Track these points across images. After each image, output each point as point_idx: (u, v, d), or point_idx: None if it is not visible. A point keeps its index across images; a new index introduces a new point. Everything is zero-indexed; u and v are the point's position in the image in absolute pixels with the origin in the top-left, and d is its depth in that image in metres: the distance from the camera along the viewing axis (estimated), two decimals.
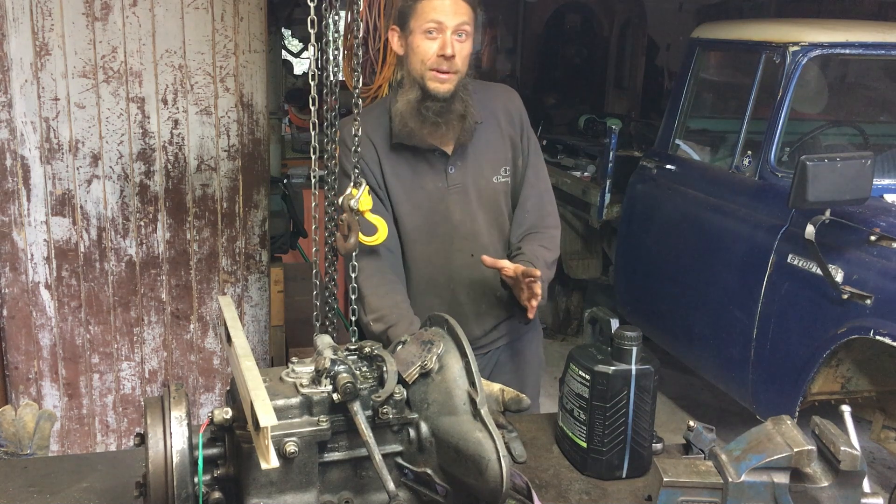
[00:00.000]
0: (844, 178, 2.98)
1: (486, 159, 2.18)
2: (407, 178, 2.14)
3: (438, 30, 2.00)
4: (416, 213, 2.15)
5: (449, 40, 2.00)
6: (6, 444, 2.10)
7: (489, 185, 2.19)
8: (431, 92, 2.03)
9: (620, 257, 4.79)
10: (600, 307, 1.73)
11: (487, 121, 2.18)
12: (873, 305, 2.95)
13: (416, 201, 2.15)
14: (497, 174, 2.20)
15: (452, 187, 2.16)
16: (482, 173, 2.18)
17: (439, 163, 2.15)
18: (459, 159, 2.16)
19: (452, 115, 2.06)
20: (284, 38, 6.96)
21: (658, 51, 7.68)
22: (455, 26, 2.00)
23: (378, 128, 2.15)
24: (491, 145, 2.19)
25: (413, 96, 2.06)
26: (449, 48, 2.00)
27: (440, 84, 2.03)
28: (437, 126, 2.07)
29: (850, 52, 3.69)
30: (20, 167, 3.11)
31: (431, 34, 2.01)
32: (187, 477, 1.21)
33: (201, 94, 3.20)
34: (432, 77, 2.03)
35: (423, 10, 2.00)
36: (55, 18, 3.00)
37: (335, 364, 1.32)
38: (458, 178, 2.16)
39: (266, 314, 3.53)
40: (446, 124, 2.08)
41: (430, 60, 2.02)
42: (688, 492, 1.43)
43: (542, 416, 1.93)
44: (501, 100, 2.24)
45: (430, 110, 2.05)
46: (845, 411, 1.58)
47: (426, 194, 2.15)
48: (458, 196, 2.16)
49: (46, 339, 3.30)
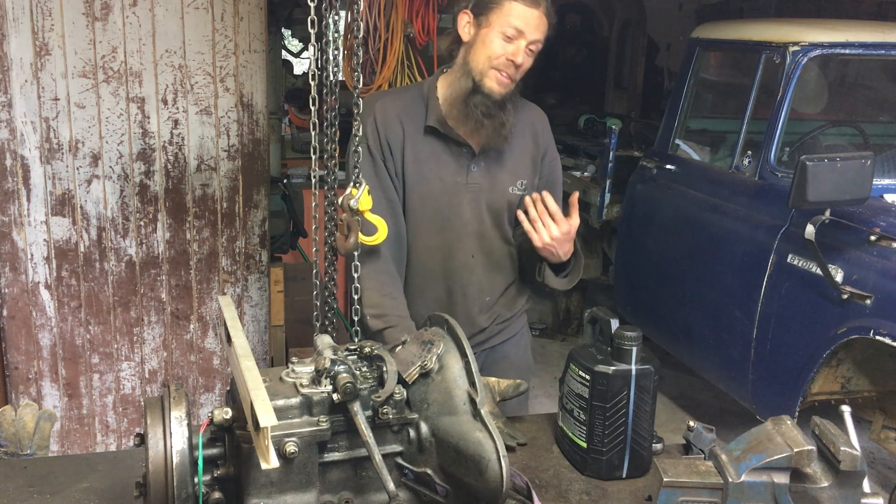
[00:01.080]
0: (844, 178, 2.98)
1: (508, 168, 2.19)
2: (428, 165, 2.14)
3: (517, 36, 2.00)
4: (429, 203, 2.15)
5: (522, 49, 2.01)
6: (6, 444, 2.10)
7: (504, 193, 2.19)
8: (486, 90, 2.03)
9: (620, 257, 4.79)
10: (600, 307, 1.73)
11: (519, 134, 2.20)
12: (873, 305, 2.95)
13: (431, 191, 2.14)
14: (514, 186, 2.20)
15: (470, 185, 2.16)
16: (501, 180, 2.18)
17: (464, 157, 2.15)
18: (483, 160, 2.16)
19: (495, 119, 2.06)
20: (284, 38, 6.96)
21: (658, 51, 7.67)
22: (532, 40, 2.01)
23: (409, 111, 2.13)
24: (515, 157, 2.20)
25: (464, 86, 2.05)
26: (521, 57, 2.01)
27: (497, 85, 2.03)
28: (478, 124, 2.06)
29: (850, 52, 3.69)
30: (20, 167, 3.11)
31: (509, 38, 2.00)
32: (187, 477, 1.21)
33: (201, 94, 3.20)
34: (493, 77, 2.03)
35: (510, 11, 1.99)
36: (55, 18, 3.00)
37: (335, 364, 1.32)
38: (477, 178, 2.16)
39: (266, 314, 3.53)
40: (488, 125, 2.07)
41: (497, 60, 2.01)
42: (688, 492, 1.43)
43: (542, 416, 1.93)
44: (532, 117, 2.25)
45: (477, 107, 2.04)
46: (845, 411, 1.58)
47: (443, 186, 2.14)
48: (472, 195, 2.16)
49: (46, 339, 3.30)
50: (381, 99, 2.17)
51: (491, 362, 2.33)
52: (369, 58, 3.20)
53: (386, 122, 2.10)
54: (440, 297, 2.22)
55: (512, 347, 2.38)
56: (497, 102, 2.04)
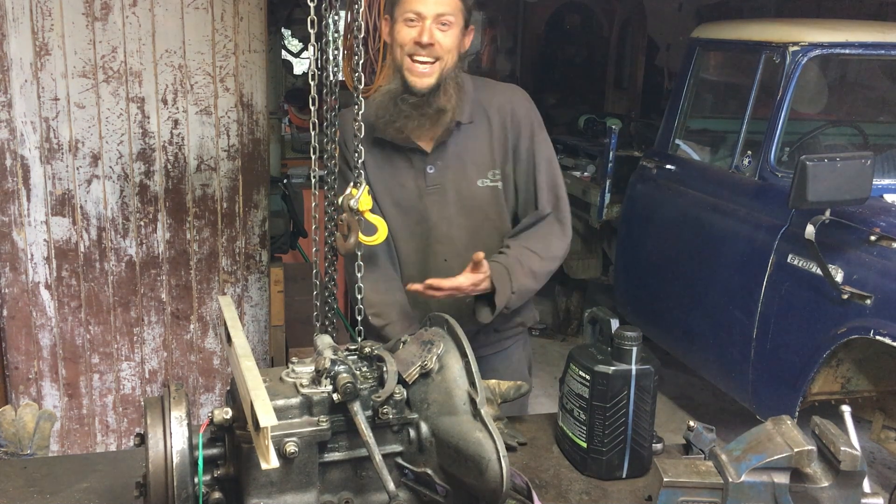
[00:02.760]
0: (844, 178, 2.98)
1: (470, 161, 2.11)
2: (388, 174, 2.10)
3: (418, 18, 1.95)
4: (397, 211, 2.11)
5: (428, 28, 1.94)
6: (6, 444, 2.09)
7: (472, 188, 2.11)
8: (410, 86, 1.98)
9: (620, 257, 4.79)
10: (600, 307, 1.73)
11: (478, 121, 2.11)
12: (873, 305, 2.95)
13: (396, 199, 2.10)
14: (483, 178, 2.11)
15: (431, 188, 2.09)
16: (465, 175, 2.10)
17: (419, 161, 2.09)
18: (440, 159, 2.09)
19: (430, 109, 1.99)
20: (284, 38, 6.95)
21: (658, 51, 7.67)
22: (435, 16, 1.95)
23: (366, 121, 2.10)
24: (478, 147, 2.11)
25: (394, 87, 2.01)
26: (426, 35, 1.94)
27: (418, 78, 1.97)
28: (409, 119, 2.00)
29: (850, 52, 3.69)
30: (20, 167, 3.11)
31: (412, 22, 1.96)
32: (187, 477, 1.21)
33: (201, 94, 3.20)
34: (410, 67, 1.98)
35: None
36: (55, 18, 3.00)
37: (335, 364, 1.32)
38: (437, 179, 2.09)
39: (266, 314, 3.53)
40: (421, 118, 2.00)
41: (407, 46, 1.97)
42: (688, 492, 1.43)
43: (542, 416, 1.93)
44: (501, 100, 2.13)
45: (405, 102, 1.99)
46: (845, 411, 1.58)
47: (406, 192, 2.10)
48: (436, 197, 2.10)
49: (46, 339, 3.30)
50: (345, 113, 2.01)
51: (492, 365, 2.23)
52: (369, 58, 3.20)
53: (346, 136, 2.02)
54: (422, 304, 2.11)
55: (501, 360, 2.26)
56: (425, 95, 1.98)
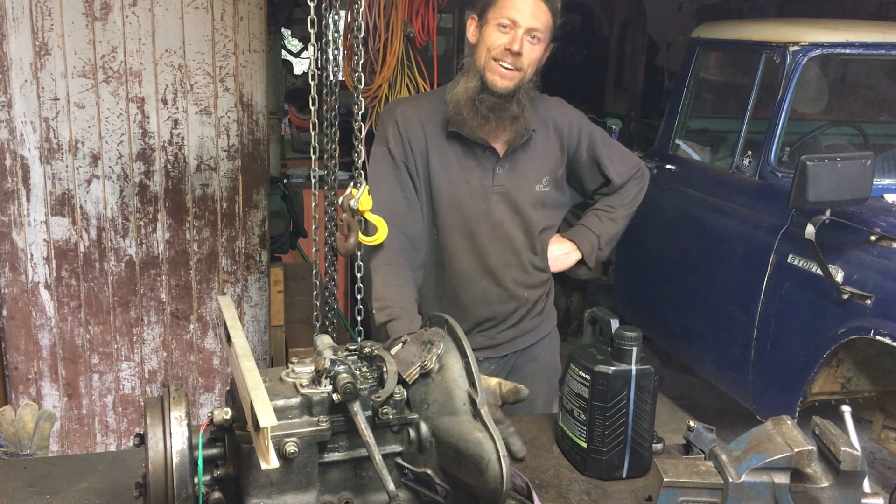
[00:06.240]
0: (844, 178, 2.98)
1: (533, 167, 2.20)
2: (454, 169, 2.14)
3: (512, 26, 2.01)
4: (458, 207, 2.15)
5: (519, 37, 2.01)
6: (6, 444, 2.09)
7: (531, 192, 2.20)
8: (489, 85, 2.03)
9: (620, 257, 4.79)
10: (600, 307, 1.73)
11: (541, 130, 2.20)
12: (873, 305, 2.95)
13: (459, 195, 2.15)
14: (539, 183, 2.21)
15: (497, 188, 2.16)
16: (527, 180, 2.19)
17: (488, 161, 2.15)
18: (509, 161, 2.17)
19: (506, 113, 2.06)
20: (284, 38, 6.96)
21: (658, 51, 7.68)
22: (528, 28, 2.02)
23: (433, 115, 2.14)
24: (540, 155, 2.21)
25: (472, 85, 2.06)
26: (517, 44, 2.01)
27: (500, 79, 2.03)
28: (486, 120, 2.06)
29: (850, 52, 3.69)
30: (20, 167, 3.11)
31: (504, 28, 2.02)
32: (187, 477, 1.21)
33: (201, 94, 3.20)
34: (494, 69, 2.03)
35: (504, 3, 2.02)
36: (55, 18, 3.00)
37: (335, 364, 1.32)
38: (503, 180, 2.16)
39: (266, 314, 3.53)
40: (497, 121, 2.07)
41: (496, 50, 2.02)
42: (688, 492, 1.43)
43: (542, 416, 1.93)
44: (552, 112, 2.26)
45: (483, 103, 2.04)
46: (845, 411, 1.58)
47: (470, 190, 2.15)
48: (499, 197, 2.17)
49: (46, 340, 3.30)
50: (403, 104, 2.19)
51: (521, 364, 2.35)
52: (369, 58, 3.20)
53: (408, 126, 2.11)
54: (479, 296, 2.23)
55: (542, 350, 2.40)
56: (503, 96, 2.04)
